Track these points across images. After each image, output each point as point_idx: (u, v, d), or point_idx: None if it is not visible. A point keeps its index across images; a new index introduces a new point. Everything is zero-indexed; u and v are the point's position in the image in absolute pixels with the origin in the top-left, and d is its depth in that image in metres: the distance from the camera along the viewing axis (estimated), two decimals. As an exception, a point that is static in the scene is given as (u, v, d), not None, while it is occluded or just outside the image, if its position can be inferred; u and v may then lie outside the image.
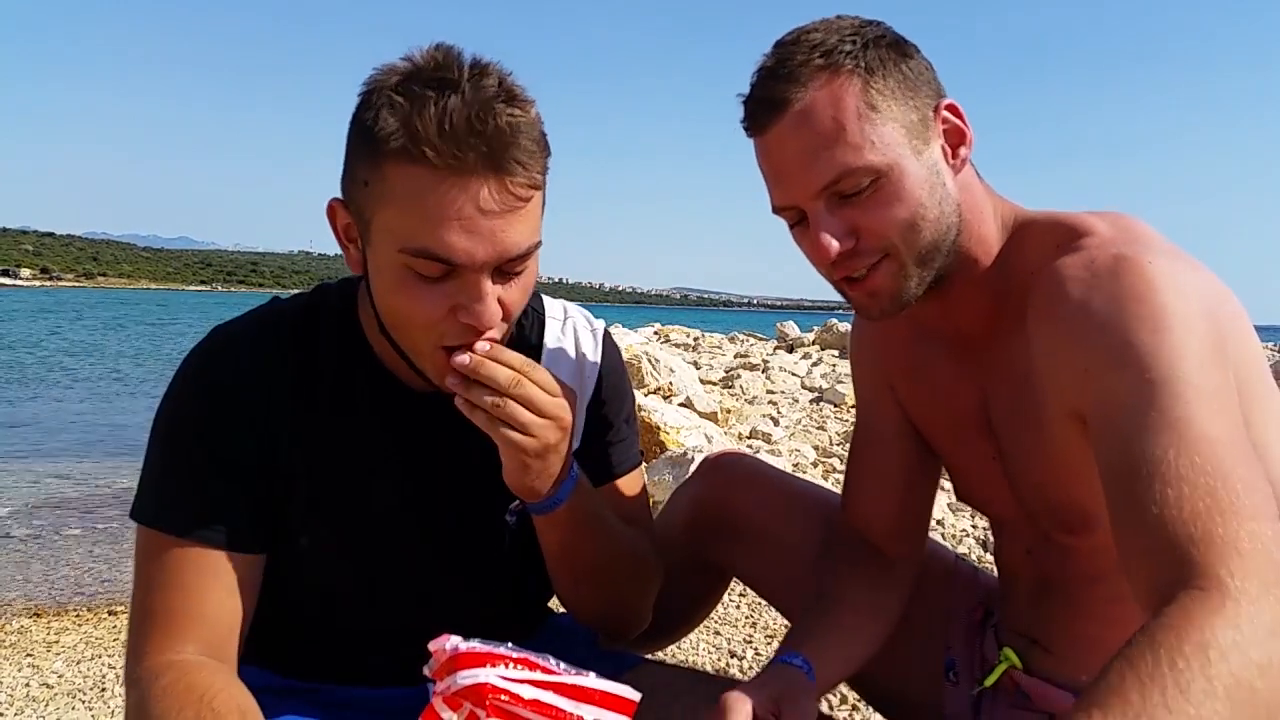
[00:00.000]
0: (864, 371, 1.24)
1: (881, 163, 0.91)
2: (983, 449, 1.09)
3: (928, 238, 0.95)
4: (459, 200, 0.81)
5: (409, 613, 1.04)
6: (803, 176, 0.93)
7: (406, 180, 0.81)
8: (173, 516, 0.91)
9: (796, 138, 0.92)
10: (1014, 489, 1.07)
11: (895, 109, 0.92)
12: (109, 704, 2.25)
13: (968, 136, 0.98)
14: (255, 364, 0.96)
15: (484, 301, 0.86)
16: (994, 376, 1.04)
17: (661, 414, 4.66)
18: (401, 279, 0.86)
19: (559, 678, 0.72)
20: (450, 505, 1.05)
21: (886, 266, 0.96)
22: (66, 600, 3.33)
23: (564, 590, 1.09)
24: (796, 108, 0.92)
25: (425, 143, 0.79)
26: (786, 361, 11.05)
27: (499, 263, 0.85)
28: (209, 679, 0.85)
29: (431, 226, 0.81)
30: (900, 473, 1.20)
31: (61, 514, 4.80)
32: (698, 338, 16.48)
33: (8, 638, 2.77)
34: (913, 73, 0.95)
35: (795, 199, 0.95)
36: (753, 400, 7.60)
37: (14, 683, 2.38)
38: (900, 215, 0.93)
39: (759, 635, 2.59)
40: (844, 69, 0.92)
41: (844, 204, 0.93)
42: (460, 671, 0.70)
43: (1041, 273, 0.94)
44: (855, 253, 0.95)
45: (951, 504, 3.81)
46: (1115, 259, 0.87)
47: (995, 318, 1.02)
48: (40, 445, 7.16)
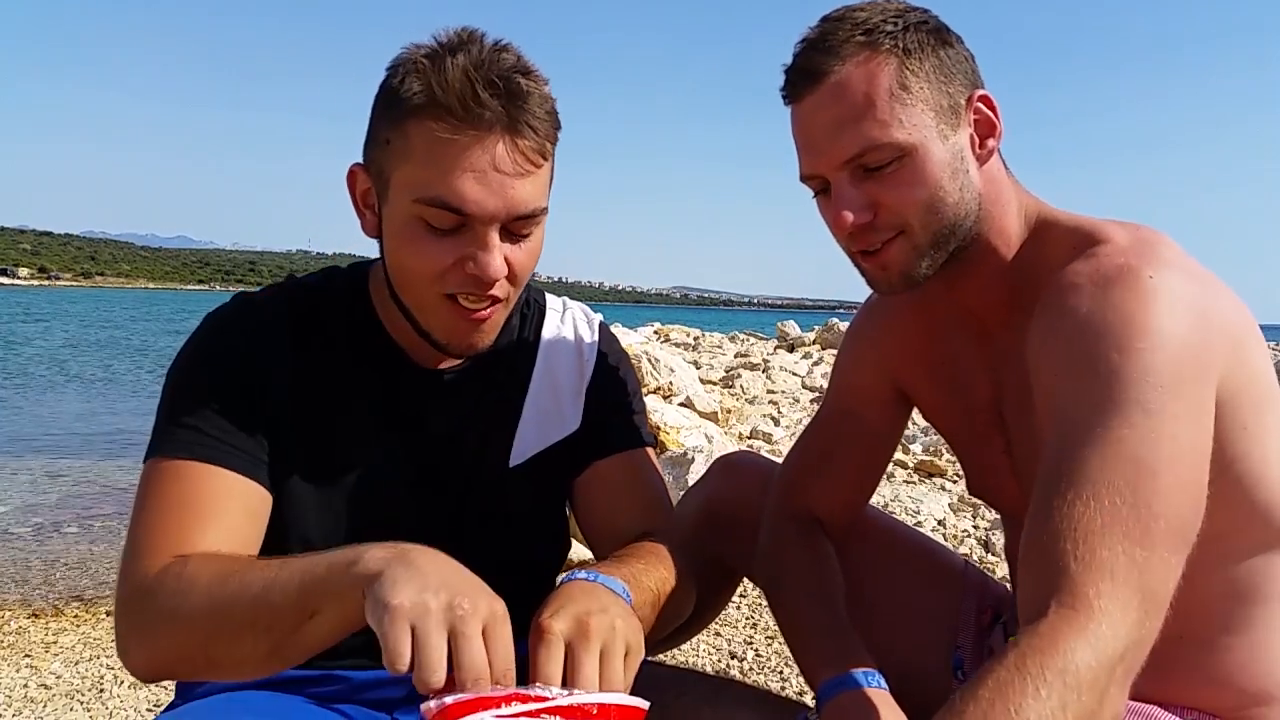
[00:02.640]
0: (861, 367, 1.24)
1: (907, 141, 0.93)
2: (995, 442, 1.10)
3: (944, 221, 0.96)
4: (474, 154, 0.87)
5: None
6: (829, 146, 0.96)
7: (427, 134, 0.88)
8: (187, 440, 0.93)
9: (828, 108, 0.95)
10: (1022, 482, 1.07)
11: (927, 92, 0.95)
12: (107, 705, 2.24)
13: (997, 129, 1.00)
14: (267, 324, 1.00)
15: (490, 253, 0.90)
16: (1007, 369, 1.05)
17: (661, 414, 4.66)
18: (415, 231, 0.91)
19: (554, 702, 0.71)
20: (450, 478, 1.06)
21: (900, 243, 0.98)
22: (64, 601, 3.33)
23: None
24: (832, 79, 0.95)
25: (446, 98, 0.86)
26: (787, 361, 11.06)
27: (508, 218, 0.90)
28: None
29: (447, 177, 0.87)
30: (875, 471, 1.24)
31: (60, 514, 4.79)
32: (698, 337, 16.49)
33: (6, 638, 2.77)
34: (950, 60, 0.97)
35: (820, 168, 0.98)
36: (753, 400, 7.59)
37: (12, 684, 2.37)
38: (919, 195, 0.95)
39: (759, 636, 2.59)
40: (882, 48, 0.94)
41: (866, 178, 0.96)
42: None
43: (1054, 275, 0.95)
44: (872, 227, 0.97)
45: (952, 504, 3.80)
46: (1118, 269, 0.89)
47: (1010, 311, 1.03)
48: (39, 445, 7.15)
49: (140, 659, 0.88)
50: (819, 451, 1.24)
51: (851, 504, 1.25)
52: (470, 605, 0.73)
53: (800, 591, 1.13)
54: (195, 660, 0.86)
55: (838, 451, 1.23)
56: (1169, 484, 0.78)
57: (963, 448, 1.19)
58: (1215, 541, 0.96)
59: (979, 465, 1.17)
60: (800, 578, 1.15)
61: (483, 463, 1.08)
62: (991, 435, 1.10)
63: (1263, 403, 0.91)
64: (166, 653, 0.86)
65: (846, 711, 0.95)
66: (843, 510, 1.23)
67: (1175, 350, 0.82)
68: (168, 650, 0.86)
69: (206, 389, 0.96)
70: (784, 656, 2.45)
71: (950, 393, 1.14)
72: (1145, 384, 0.81)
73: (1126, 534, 0.76)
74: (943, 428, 1.21)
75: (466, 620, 0.72)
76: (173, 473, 0.92)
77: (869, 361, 1.23)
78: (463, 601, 0.72)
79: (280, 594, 0.80)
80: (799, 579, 1.15)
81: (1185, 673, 1.00)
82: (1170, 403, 0.81)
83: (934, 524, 3.52)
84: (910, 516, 3.56)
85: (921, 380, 1.18)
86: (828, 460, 1.23)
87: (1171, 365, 0.82)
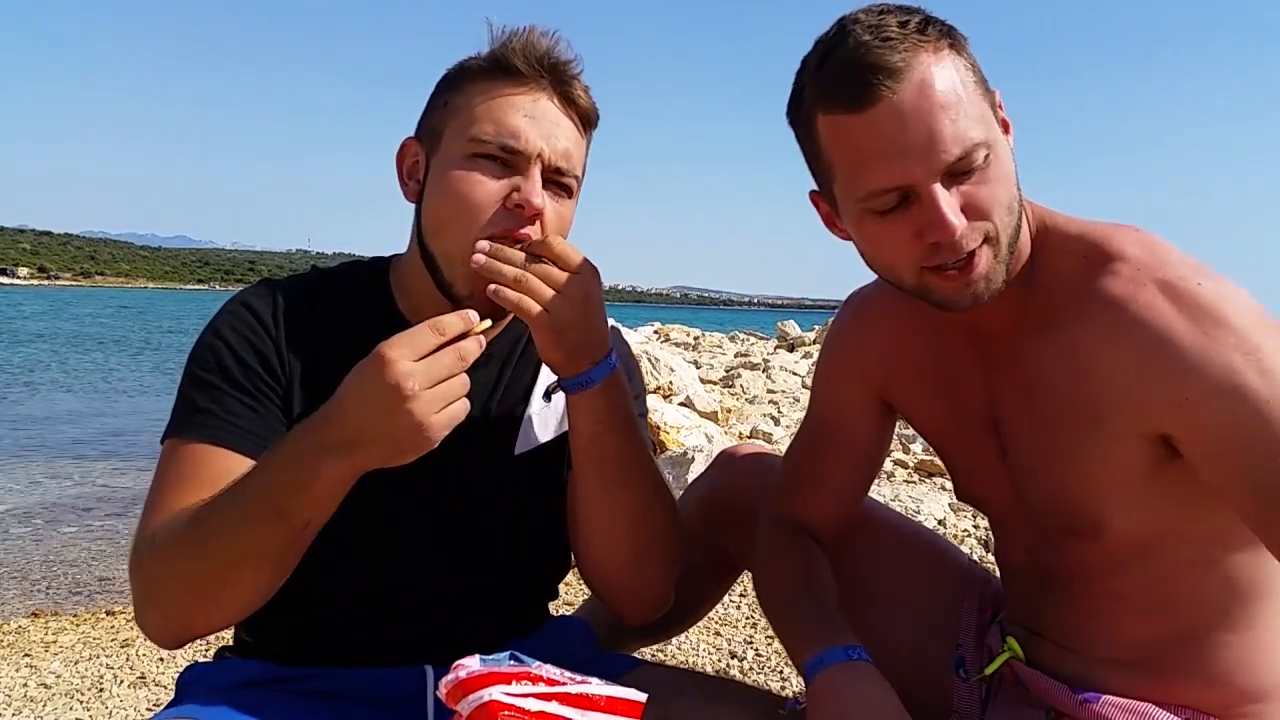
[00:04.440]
0: (845, 378, 1.21)
1: (989, 136, 0.88)
2: (987, 448, 1.08)
3: (1016, 220, 0.92)
4: (525, 101, 1.00)
5: (406, 570, 1.05)
6: (926, 150, 0.86)
7: (484, 90, 1.00)
8: (197, 423, 0.97)
9: (918, 108, 0.85)
10: (1017, 489, 1.06)
11: (979, 87, 0.91)
12: (106, 704, 2.24)
13: (1011, 126, 0.96)
14: (286, 310, 1.04)
15: (534, 183, 0.98)
16: (1009, 377, 1.04)
17: (661, 414, 4.66)
18: (465, 166, 0.98)
19: (563, 688, 0.74)
20: (456, 463, 1.06)
21: (986, 251, 0.90)
22: (64, 600, 3.33)
23: (592, 505, 1.05)
24: (916, 76, 0.86)
25: (506, 57, 0.99)
26: (787, 360, 11.05)
27: (549, 161, 0.99)
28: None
29: (500, 115, 0.98)
30: (864, 479, 1.24)
31: (60, 513, 4.79)
32: (698, 337, 16.49)
33: (5, 638, 2.76)
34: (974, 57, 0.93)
35: (912, 176, 0.87)
36: (753, 399, 7.59)
37: (11, 683, 2.37)
38: (1002, 194, 0.90)
39: (759, 636, 2.59)
40: (943, 42, 0.89)
41: (955, 181, 0.88)
42: (469, 695, 0.73)
43: (1084, 291, 0.94)
44: (962, 235, 0.89)
45: (952, 504, 3.80)
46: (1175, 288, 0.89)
47: (1017, 319, 1.01)
48: (38, 445, 7.15)
49: (154, 620, 0.93)
50: (805, 464, 1.24)
51: (841, 512, 1.24)
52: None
53: (787, 584, 1.14)
54: (207, 606, 0.91)
55: (823, 464, 1.22)
56: None
57: (952, 454, 1.17)
58: (1212, 542, 0.96)
59: (969, 471, 1.15)
60: (788, 573, 1.16)
61: (489, 450, 1.09)
62: (984, 441, 1.08)
63: None
64: (177, 606, 0.91)
65: (830, 684, 0.97)
66: (834, 517, 1.23)
67: (1277, 337, 0.86)
68: (178, 603, 0.91)
69: (222, 372, 0.99)
70: (784, 656, 2.45)
71: (939, 398, 1.13)
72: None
73: None
74: (930, 434, 1.19)
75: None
76: (183, 453, 0.96)
77: (850, 373, 1.20)
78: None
79: (253, 503, 0.86)
80: (787, 574, 1.16)
81: (1184, 671, 1.00)
82: None
83: (934, 524, 3.52)
84: (910, 516, 3.56)
85: (907, 388, 1.16)
86: (814, 473, 1.23)
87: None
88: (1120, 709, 1.01)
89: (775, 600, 1.16)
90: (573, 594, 2.66)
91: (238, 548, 0.87)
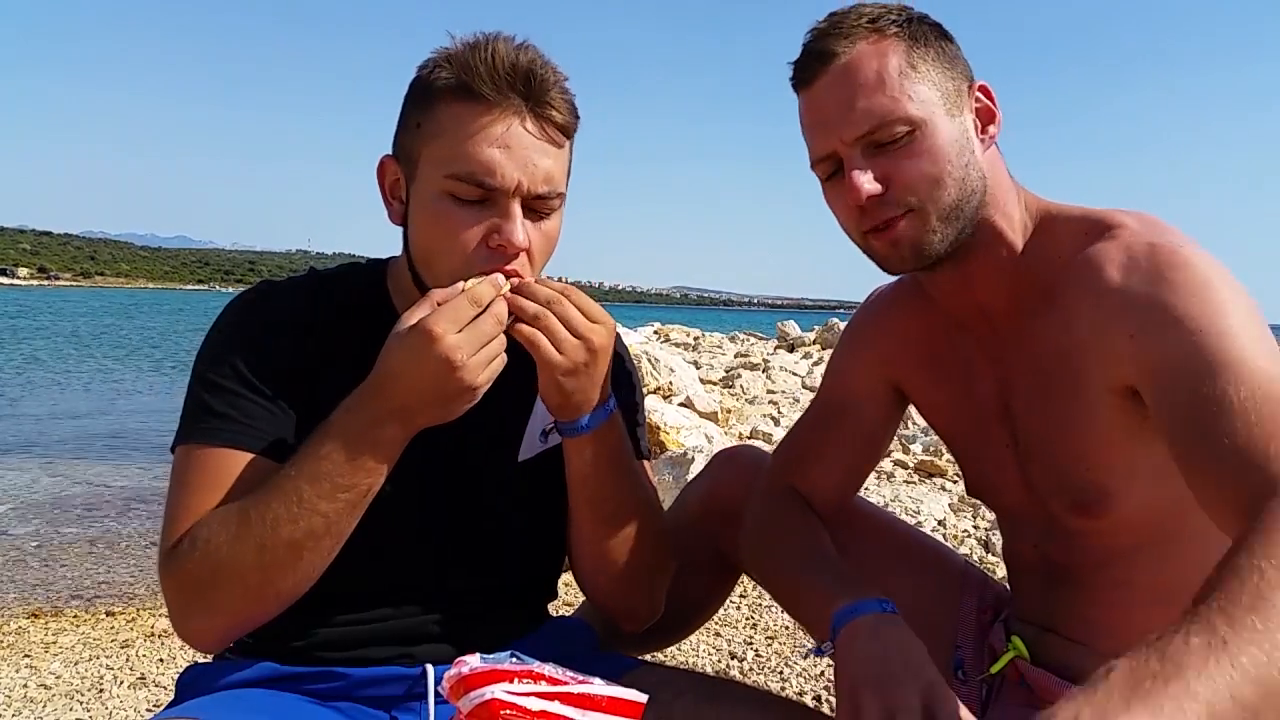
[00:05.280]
0: (858, 365, 1.24)
1: (917, 115, 0.97)
2: (998, 437, 1.11)
3: (952, 196, 0.99)
4: (497, 128, 0.94)
5: (407, 572, 1.05)
6: (842, 122, 0.98)
7: (454, 114, 0.95)
8: (212, 427, 0.98)
9: (840, 87, 0.99)
10: (1026, 475, 1.08)
11: (934, 73, 0.99)
12: (106, 705, 2.24)
13: (997, 117, 1.04)
14: (287, 312, 1.05)
15: (514, 222, 0.95)
16: (1016, 361, 1.06)
17: (661, 414, 4.66)
18: (442, 206, 0.96)
19: (565, 687, 0.74)
20: (458, 468, 1.07)
21: (910, 219, 0.99)
22: (64, 601, 3.33)
23: (589, 544, 1.09)
24: (842, 60, 0.99)
25: (473, 81, 0.93)
26: (787, 361, 11.05)
27: (529, 191, 0.95)
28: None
29: (472, 150, 0.93)
30: (867, 462, 1.26)
31: (59, 514, 4.79)
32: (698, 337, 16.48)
33: (5, 638, 2.76)
34: (950, 53, 1.02)
35: (833, 145, 1.00)
36: (753, 400, 7.59)
37: (11, 684, 2.37)
38: (929, 170, 0.97)
39: (759, 636, 2.59)
40: (889, 33, 0.99)
41: (878, 153, 0.98)
42: (471, 692, 0.73)
43: (1074, 260, 0.99)
44: (883, 201, 0.99)
45: (952, 504, 3.80)
46: (1151, 246, 0.94)
47: (1020, 301, 1.05)
48: (38, 445, 7.15)
49: (203, 623, 0.94)
50: (811, 438, 1.25)
51: (841, 491, 1.25)
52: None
53: (797, 544, 1.13)
54: (264, 596, 0.93)
55: (830, 440, 1.24)
56: None
57: (963, 445, 1.20)
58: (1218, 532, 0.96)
59: (980, 462, 1.17)
60: (796, 533, 1.15)
61: (491, 456, 1.09)
62: (995, 430, 1.10)
63: None
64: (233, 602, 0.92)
65: (866, 628, 0.92)
66: (832, 495, 1.23)
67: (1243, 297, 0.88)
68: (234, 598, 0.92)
69: (234, 375, 1.00)
70: (784, 656, 2.45)
71: (951, 390, 1.15)
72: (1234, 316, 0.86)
73: None
74: (942, 426, 1.21)
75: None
76: (203, 458, 0.97)
77: (867, 360, 1.23)
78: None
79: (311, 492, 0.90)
80: (794, 533, 1.15)
81: None
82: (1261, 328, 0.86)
83: (934, 524, 3.52)
84: (910, 516, 3.56)
85: (921, 379, 1.19)
86: (820, 447, 1.24)
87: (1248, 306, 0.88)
88: None
89: (784, 559, 1.13)
90: (573, 594, 2.66)
91: (304, 529, 0.90)
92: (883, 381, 1.22)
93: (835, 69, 0.99)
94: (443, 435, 1.05)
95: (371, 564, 1.03)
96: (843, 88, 0.98)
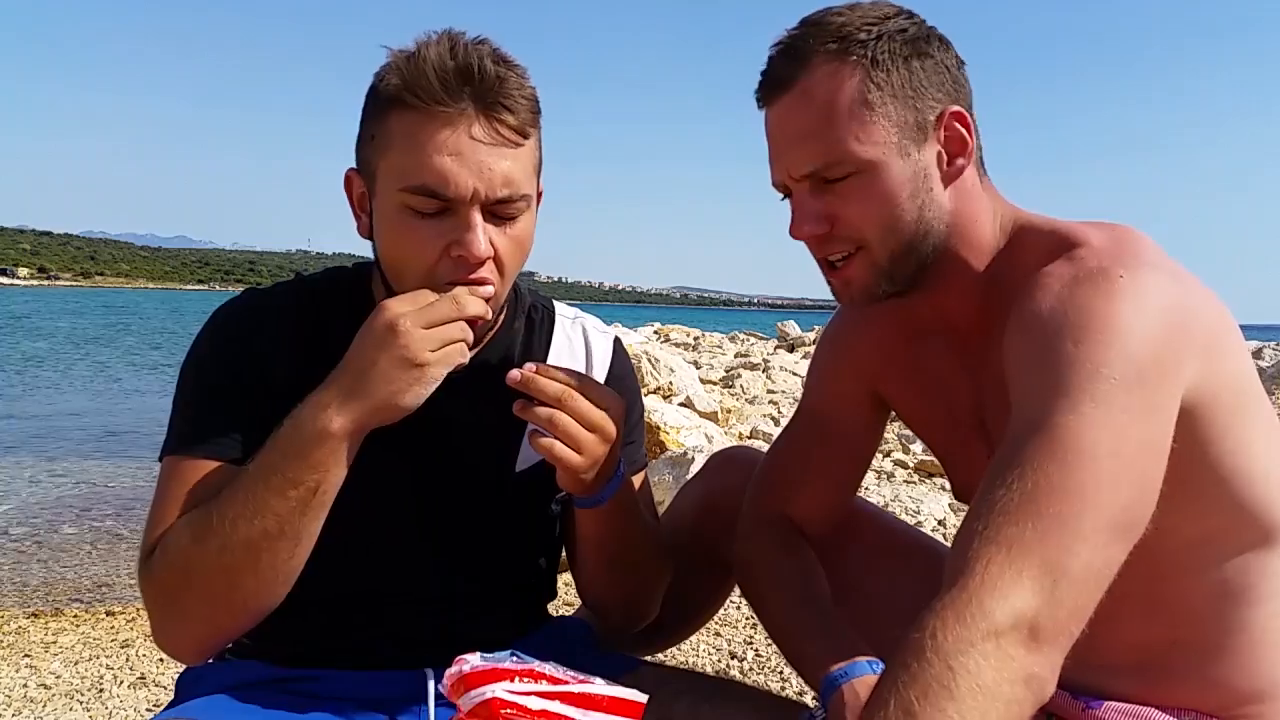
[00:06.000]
0: (838, 375, 1.22)
1: (864, 157, 0.93)
2: (978, 448, 1.09)
3: (902, 239, 0.96)
4: (448, 135, 0.90)
5: (406, 576, 1.05)
6: (790, 157, 0.97)
7: (404, 124, 0.91)
8: (193, 438, 0.97)
9: (791, 120, 0.96)
10: None
11: (891, 107, 0.94)
12: (106, 705, 2.24)
13: (969, 147, 0.97)
14: (272, 321, 1.03)
15: (474, 231, 0.92)
16: (986, 376, 1.04)
17: (661, 414, 4.65)
18: (401, 219, 0.93)
19: (566, 687, 0.74)
20: (452, 479, 1.06)
21: (860, 259, 0.99)
22: (64, 601, 3.33)
23: (592, 574, 1.13)
24: (796, 89, 0.96)
25: (419, 85, 0.89)
26: (787, 361, 11.05)
27: (487, 197, 0.92)
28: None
29: (425, 160, 0.90)
30: (853, 476, 1.24)
31: (59, 514, 4.79)
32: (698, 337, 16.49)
33: (5, 638, 2.76)
34: (923, 73, 0.95)
35: (781, 178, 1.00)
36: (753, 400, 7.59)
37: (11, 684, 2.37)
38: (875, 211, 0.95)
39: (759, 636, 2.59)
40: (850, 59, 0.94)
41: (825, 189, 0.97)
42: (471, 690, 0.73)
43: (1029, 278, 0.94)
44: (830, 238, 0.98)
45: (952, 504, 3.80)
46: (1092, 270, 0.88)
47: (985, 318, 1.02)
48: (38, 445, 7.15)
49: (178, 631, 0.93)
50: (794, 458, 1.24)
51: (830, 509, 1.23)
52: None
53: (786, 598, 1.13)
54: (232, 601, 0.91)
55: (814, 457, 1.22)
56: (1107, 470, 0.77)
57: (946, 455, 1.18)
58: (1205, 545, 0.95)
59: (964, 472, 1.16)
60: (783, 584, 1.14)
61: (487, 466, 1.08)
62: (974, 442, 1.08)
63: (1244, 403, 0.90)
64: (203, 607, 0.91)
65: (856, 696, 0.95)
66: (821, 515, 1.22)
67: (1135, 346, 0.81)
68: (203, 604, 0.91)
69: (215, 387, 0.99)
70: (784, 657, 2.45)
71: (931, 401, 1.13)
72: (1097, 375, 0.80)
73: (1039, 512, 0.76)
74: (925, 435, 1.20)
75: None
76: (183, 469, 0.96)
77: (846, 369, 1.21)
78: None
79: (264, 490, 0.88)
80: (782, 586, 1.14)
81: (1181, 677, 1.00)
82: (1121, 396, 0.80)
83: (934, 524, 3.52)
84: (910, 516, 3.56)
85: (901, 388, 1.17)
86: (803, 467, 1.22)
87: (1128, 360, 0.81)
88: (1123, 714, 1.01)
89: (772, 611, 1.15)
90: (573, 594, 2.66)
91: (259, 529, 0.88)
92: (860, 387, 1.20)
93: (787, 99, 0.96)
94: (441, 443, 1.05)
95: (369, 568, 1.04)
96: (793, 119, 0.96)
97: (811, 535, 1.22)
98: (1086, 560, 0.76)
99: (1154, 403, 0.81)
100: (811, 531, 1.22)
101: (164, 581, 0.92)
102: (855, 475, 1.25)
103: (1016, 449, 0.80)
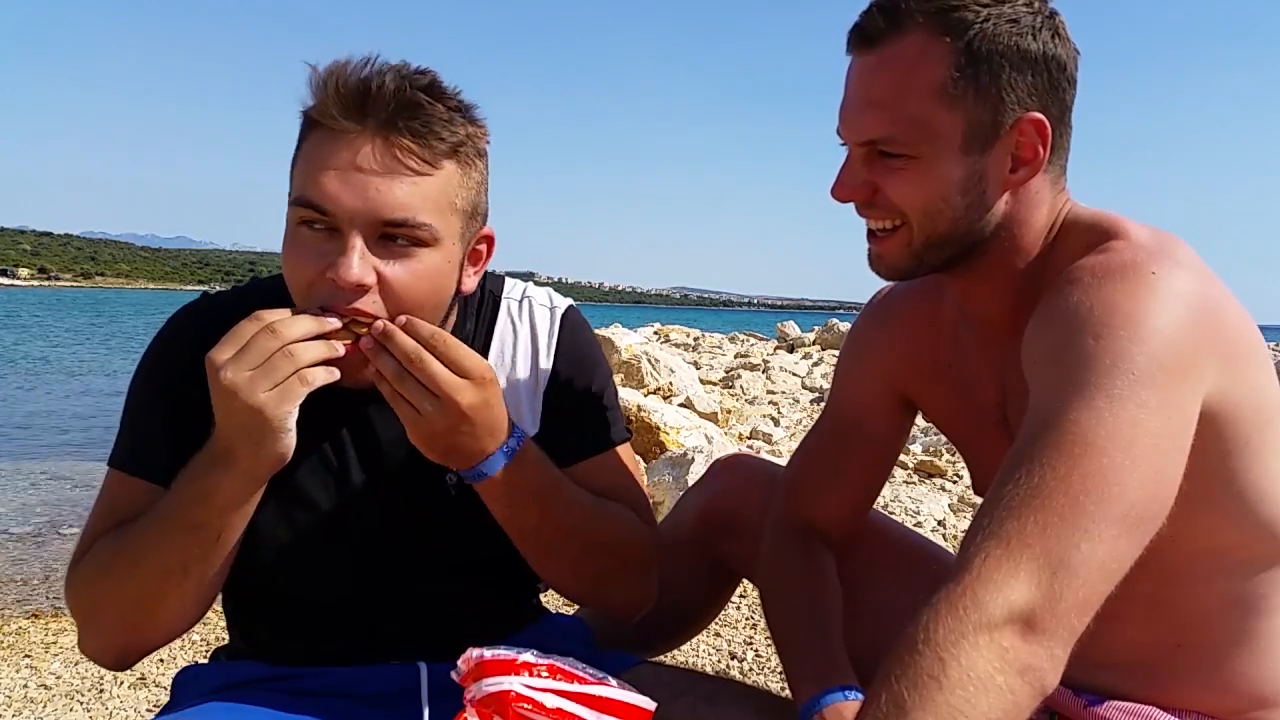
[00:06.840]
0: (865, 376, 1.22)
1: (925, 145, 0.92)
2: (999, 443, 1.08)
3: (940, 229, 0.95)
4: (340, 153, 0.88)
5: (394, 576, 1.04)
6: (855, 121, 0.95)
7: (310, 140, 0.90)
8: (128, 455, 0.99)
9: (868, 81, 0.94)
10: None
11: (970, 102, 0.90)
12: (107, 705, 2.24)
13: (1039, 158, 0.93)
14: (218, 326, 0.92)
15: (348, 255, 0.87)
16: (1011, 372, 1.04)
17: (661, 414, 4.65)
18: (293, 234, 0.91)
19: (583, 687, 0.74)
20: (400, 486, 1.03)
21: (900, 238, 0.97)
22: (64, 602, 3.33)
23: (532, 563, 1.05)
24: (882, 53, 0.92)
25: (320, 105, 0.88)
26: (787, 361, 11.05)
27: (373, 222, 0.88)
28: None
29: (314, 175, 0.88)
30: (879, 479, 1.23)
31: (59, 514, 4.79)
32: (698, 338, 16.49)
33: (5, 639, 2.76)
34: (1018, 73, 0.90)
35: (844, 135, 0.98)
36: (753, 400, 7.59)
37: (12, 684, 2.37)
38: (920, 196, 0.94)
39: (759, 637, 2.58)
40: (945, 39, 0.89)
41: (878, 160, 0.95)
42: (486, 679, 0.72)
43: (1065, 271, 0.92)
44: (873, 204, 0.97)
45: (952, 504, 3.80)
46: (1125, 264, 0.86)
47: (1016, 313, 1.00)
48: (39, 445, 7.15)
49: (94, 642, 0.95)
50: (823, 462, 1.23)
51: (855, 513, 1.24)
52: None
53: (794, 608, 1.13)
54: (141, 624, 0.92)
55: (842, 462, 1.22)
56: (1116, 464, 0.76)
57: (971, 452, 1.19)
58: (1216, 555, 0.95)
59: (986, 467, 1.16)
60: (796, 594, 1.15)
61: (436, 470, 1.00)
62: (998, 439, 1.08)
63: (1265, 418, 0.89)
64: (113, 626, 0.93)
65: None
66: (847, 519, 1.23)
67: (1157, 344, 0.80)
68: (113, 623, 0.93)
69: (148, 403, 1.00)
70: (784, 657, 2.45)
71: (957, 397, 1.13)
72: (1115, 370, 0.79)
73: (1044, 506, 0.75)
74: (950, 433, 1.20)
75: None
76: (113, 483, 1.00)
77: (873, 369, 1.21)
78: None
79: (161, 525, 0.88)
80: (795, 595, 1.15)
81: (1186, 679, 1.00)
82: (1139, 391, 0.78)
83: (934, 524, 3.52)
84: (910, 517, 3.56)
85: (928, 386, 1.17)
86: (832, 471, 1.22)
87: (1149, 357, 0.79)
88: (1125, 713, 1.01)
89: (779, 616, 1.16)
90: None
91: (161, 563, 0.89)
92: (889, 390, 1.20)
93: (872, 58, 0.93)
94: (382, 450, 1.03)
95: (355, 571, 1.03)
96: (869, 83, 0.93)
97: (834, 538, 1.21)
98: (1089, 553, 0.75)
99: (1171, 399, 0.80)
100: (834, 534, 1.22)
101: (79, 597, 0.95)
102: (880, 479, 1.25)
103: (1028, 444, 0.80)
